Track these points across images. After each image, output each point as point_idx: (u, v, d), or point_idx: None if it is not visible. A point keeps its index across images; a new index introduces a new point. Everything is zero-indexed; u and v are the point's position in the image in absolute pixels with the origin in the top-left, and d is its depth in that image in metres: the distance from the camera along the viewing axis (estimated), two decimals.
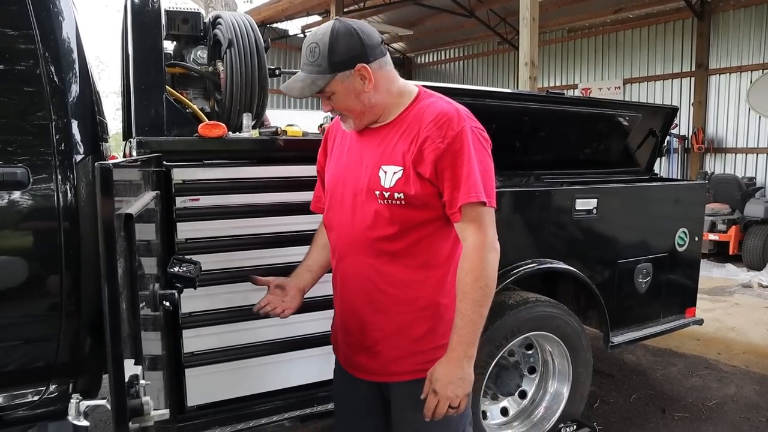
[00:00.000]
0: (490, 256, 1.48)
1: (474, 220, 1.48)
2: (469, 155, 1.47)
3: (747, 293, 6.35)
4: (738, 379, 3.88)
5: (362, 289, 1.62)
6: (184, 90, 2.40)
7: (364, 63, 1.50)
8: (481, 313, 1.49)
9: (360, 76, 1.51)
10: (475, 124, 1.53)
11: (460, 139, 1.47)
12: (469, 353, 1.49)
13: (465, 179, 1.46)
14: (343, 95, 1.53)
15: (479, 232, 1.48)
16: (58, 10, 1.89)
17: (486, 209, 1.49)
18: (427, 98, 1.59)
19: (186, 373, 2.00)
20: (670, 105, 3.72)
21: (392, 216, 1.54)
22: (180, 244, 1.94)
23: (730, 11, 10.27)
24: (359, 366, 1.69)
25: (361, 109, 1.55)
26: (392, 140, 1.55)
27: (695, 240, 3.39)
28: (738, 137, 10.33)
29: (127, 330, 1.13)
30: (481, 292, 1.47)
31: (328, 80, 1.51)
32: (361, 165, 1.59)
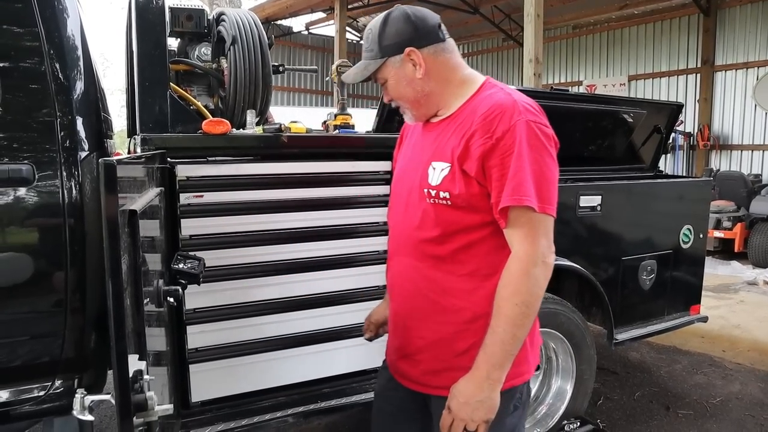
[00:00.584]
0: (536, 271, 1.32)
1: (521, 226, 1.33)
2: (521, 153, 1.32)
3: (752, 291, 6.33)
4: (743, 377, 3.87)
5: (407, 293, 1.54)
6: (188, 87, 2.41)
7: (414, 47, 1.42)
8: (515, 334, 1.33)
9: (411, 62, 1.43)
10: (535, 119, 1.36)
11: (512, 134, 1.32)
12: (493, 376, 1.33)
13: (511, 179, 1.32)
14: (395, 82, 1.46)
15: (526, 240, 1.33)
16: (62, 7, 1.90)
17: (537, 216, 1.32)
18: (489, 89, 1.45)
19: (190, 369, 2.01)
20: (674, 102, 3.70)
21: (437, 217, 1.44)
22: (184, 241, 1.95)
23: (736, 7, 10.21)
24: (401, 371, 1.60)
25: (414, 97, 1.47)
26: (446, 135, 1.45)
27: (700, 237, 3.38)
28: (744, 134, 10.28)
29: (131, 326, 1.14)
30: (517, 310, 1.32)
31: (379, 65, 1.45)
32: (419, 161, 1.50)
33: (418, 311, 1.51)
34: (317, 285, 2.17)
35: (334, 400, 2.20)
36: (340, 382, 2.26)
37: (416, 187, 1.49)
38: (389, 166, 2.22)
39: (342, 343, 2.24)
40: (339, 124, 2.26)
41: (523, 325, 1.33)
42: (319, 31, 15.17)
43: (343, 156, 2.21)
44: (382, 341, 2.31)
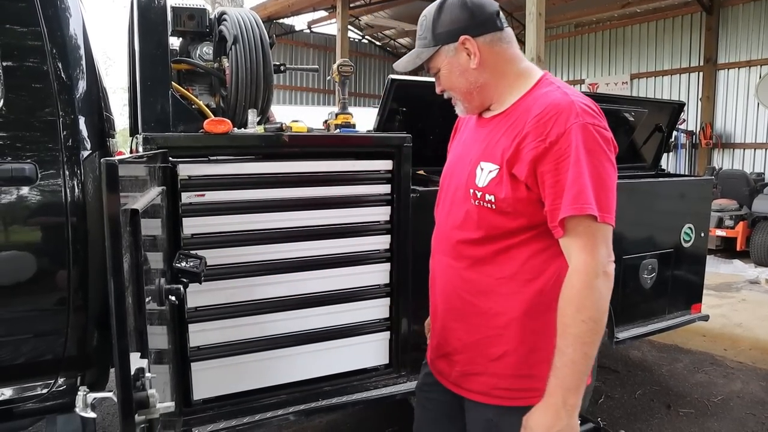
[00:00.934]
0: (598, 283, 1.24)
1: (580, 236, 1.25)
2: (578, 158, 1.23)
3: (754, 289, 6.32)
4: (744, 375, 3.87)
5: (446, 292, 1.50)
6: (190, 86, 2.41)
7: (469, 36, 1.35)
8: (585, 352, 1.24)
9: (465, 51, 1.37)
10: (594, 122, 1.28)
11: (568, 138, 1.24)
12: (570, 401, 1.24)
13: (570, 187, 1.23)
14: (448, 71, 1.40)
15: (585, 251, 1.25)
16: (65, 6, 1.91)
17: (597, 225, 1.24)
18: (545, 86, 1.37)
19: (192, 367, 2.02)
20: (676, 100, 3.70)
21: (480, 219, 1.38)
22: (186, 240, 1.96)
23: (739, 5, 10.18)
24: (439, 369, 1.57)
25: (467, 88, 1.41)
26: (498, 133, 1.38)
27: (701, 236, 3.39)
28: (746, 132, 10.26)
29: (133, 324, 1.15)
30: (585, 327, 1.23)
31: (432, 53, 1.40)
32: (469, 159, 1.44)
33: (455, 311, 1.47)
34: (318, 283, 2.17)
35: (335, 398, 2.20)
36: (342, 380, 2.27)
37: (462, 185, 1.44)
38: (390, 165, 2.23)
39: (343, 341, 2.25)
40: (340, 123, 2.26)
41: (593, 342, 1.25)
42: (321, 30, 15.16)
43: (344, 155, 2.21)
44: (382, 340, 2.33)
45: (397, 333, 2.31)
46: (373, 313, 2.29)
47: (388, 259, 2.27)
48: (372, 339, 2.30)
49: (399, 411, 3.02)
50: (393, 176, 2.23)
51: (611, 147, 1.30)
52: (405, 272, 2.27)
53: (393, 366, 2.34)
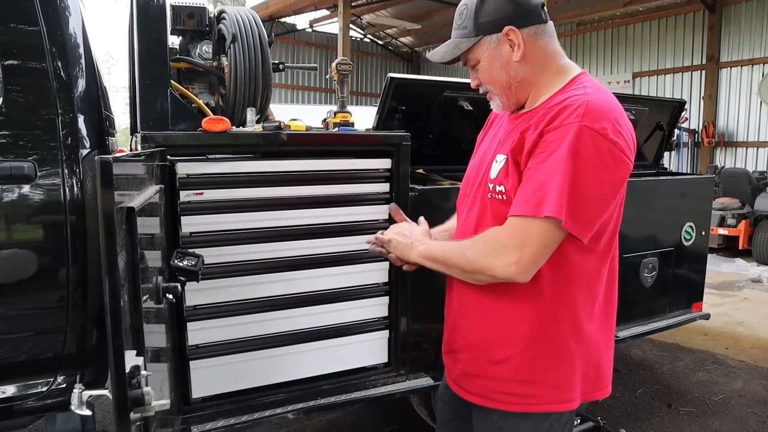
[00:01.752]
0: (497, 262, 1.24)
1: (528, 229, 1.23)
2: (560, 157, 1.18)
3: (756, 288, 6.31)
4: (745, 374, 3.86)
5: (460, 288, 1.47)
6: (190, 85, 2.42)
7: (514, 27, 1.29)
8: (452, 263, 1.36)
9: (509, 42, 1.30)
10: (598, 126, 1.19)
11: (559, 133, 1.20)
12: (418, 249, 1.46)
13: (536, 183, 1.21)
14: (488, 63, 1.34)
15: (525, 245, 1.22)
16: (64, 5, 1.91)
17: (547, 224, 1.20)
18: (576, 86, 1.31)
19: (190, 365, 2.02)
20: (677, 99, 3.69)
21: (492, 213, 1.35)
22: (184, 238, 1.96)
23: (741, 3, 10.15)
24: (446, 365, 1.57)
25: (507, 82, 1.34)
26: (518, 128, 1.34)
27: (702, 234, 3.38)
28: (749, 131, 10.23)
29: (128, 322, 1.15)
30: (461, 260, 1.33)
31: (472, 43, 1.33)
32: (489, 153, 1.42)
33: (466, 308, 1.46)
34: (317, 282, 2.17)
35: (334, 397, 2.20)
36: (341, 378, 2.26)
37: (481, 180, 1.42)
38: (389, 163, 2.23)
39: (342, 339, 2.25)
40: (339, 122, 2.26)
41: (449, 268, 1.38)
42: (323, 29, 15.16)
43: (343, 153, 2.21)
44: (381, 339, 2.33)
45: (396, 332, 2.31)
46: (372, 311, 2.29)
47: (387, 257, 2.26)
48: (371, 338, 2.30)
49: (398, 410, 3.02)
50: (392, 175, 2.23)
51: (610, 160, 1.20)
52: (404, 271, 2.26)
53: (392, 365, 2.34)
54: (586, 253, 1.30)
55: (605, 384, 1.45)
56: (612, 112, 1.24)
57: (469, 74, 1.45)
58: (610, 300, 1.43)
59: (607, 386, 1.45)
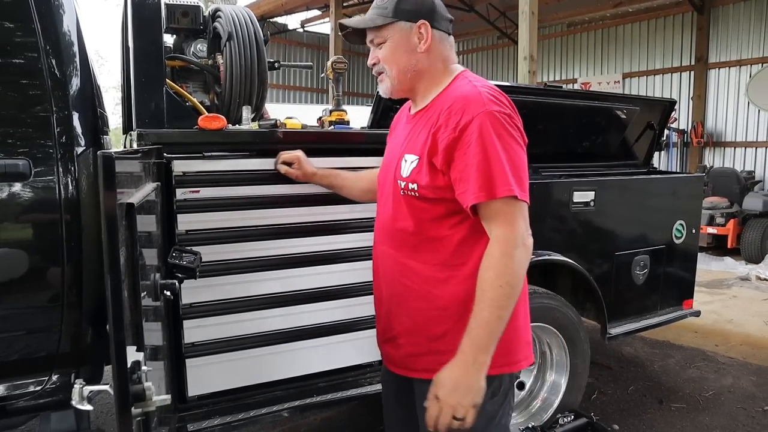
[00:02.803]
0: (517, 252, 1.34)
1: (497, 213, 1.35)
2: (484, 143, 1.33)
3: (745, 286, 6.38)
4: (735, 371, 3.91)
5: (388, 279, 1.59)
6: (184, 83, 2.41)
7: (427, 23, 1.47)
8: (500, 315, 1.33)
9: (418, 34, 1.47)
10: (500, 109, 1.38)
11: (475, 126, 1.34)
12: (480, 359, 1.33)
13: (477, 172, 1.34)
14: (395, 45, 1.49)
15: (504, 225, 1.35)
16: (58, 3, 1.91)
17: (513, 202, 1.34)
18: (460, 81, 1.49)
19: (187, 363, 2.02)
20: (667, 98, 3.73)
21: (408, 208, 1.49)
22: (180, 236, 1.96)
23: (729, 5, 10.26)
24: (386, 354, 1.67)
25: (405, 67, 1.50)
26: (418, 127, 1.49)
27: (692, 232, 3.41)
28: (737, 131, 10.34)
29: (129, 317, 1.15)
30: (501, 291, 1.33)
31: (387, 22, 1.48)
32: (396, 153, 1.56)
33: (397, 297, 1.56)
34: (312, 280, 2.18)
35: (330, 395, 2.21)
36: (336, 376, 2.27)
37: (391, 178, 1.54)
38: None
39: (338, 337, 2.26)
40: (334, 120, 2.27)
41: (507, 306, 1.34)
42: (315, 29, 15.15)
43: (338, 151, 2.22)
44: None
45: None
46: (368, 309, 2.28)
47: None
48: (366, 335, 2.30)
49: None
50: None
51: (518, 132, 1.39)
52: None
53: None
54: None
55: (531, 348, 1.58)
56: (503, 97, 1.42)
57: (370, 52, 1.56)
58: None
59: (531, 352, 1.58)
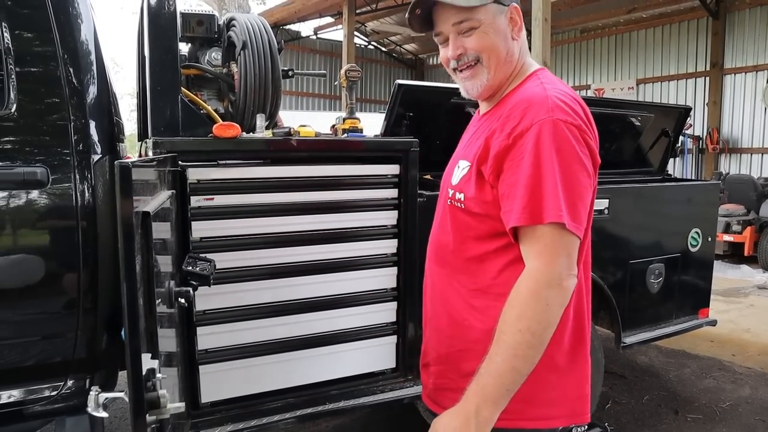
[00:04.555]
0: (548, 293, 1.12)
1: (537, 241, 1.14)
2: (540, 157, 1.13)
3: (762, 294, 6.29)
4: (753, 381, 3.85)
5: (430, 299, 1.44)
6: (199, 91, 2.43)
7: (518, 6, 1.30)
8: (515, 366, 1.11)
9: (511, 20, 1.30)
10: (568, 119, 1.16)
11: (532, 135, 1.14)
12: (483, 413, 1.11)
13: (525, 190, 1.14)
14: (491, 29, 1.27)
15: (540, 257, 1.14)
16: (77, 12, 1.94)
17: (557, 231, 1.13)
18: (531, 81, 1.29)
19: (200, 369, 2.03)
20: (682, 105, 3.70)
21: (452, 221, 1.32)
22: (195, 243, 1.97)
23: (745, 10, 10.17)
24: (422, 379, 1.51)
25: (503, 56, 1.29)
26: (480, 131, 1.32)
27: (708, 240, 3.37)
28: (754, 137, 10.23)
29: (143, 325, 1.16)
30: (520, 338, 1.11)
31: (483, 3, 1.25)
32: (455, 158, 1.41)
33: (436, 320, 1.41)
34: (326, 287, 2.18)
35: (342, 402, 2.21)
36: (348, 384, 2.27)
37: (445, 186, 1.39)
38: (397, 169, 2.25)
39: (350, 345, 2.25)
40: (348, 128, 2.27)
41: (525, 356, 1.11)
42: (328, 36, 15.25)
43: (352, 159, 2.23)
44: (389, 344, 2.33)
45: (404, 337, 2.32)
46: (381, 317, 2.30)
47: (395, 263, 2.28)
48: (379, 343, 2.31)
49: (405, 415, 3.02)
50: (400, 180, 2.24)
51: (585, 149, 1.18)
52: (412, 276, 2.27)
53: (400, 370, 2.34)
54: None
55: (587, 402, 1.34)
56: (575, 104, 1.22)
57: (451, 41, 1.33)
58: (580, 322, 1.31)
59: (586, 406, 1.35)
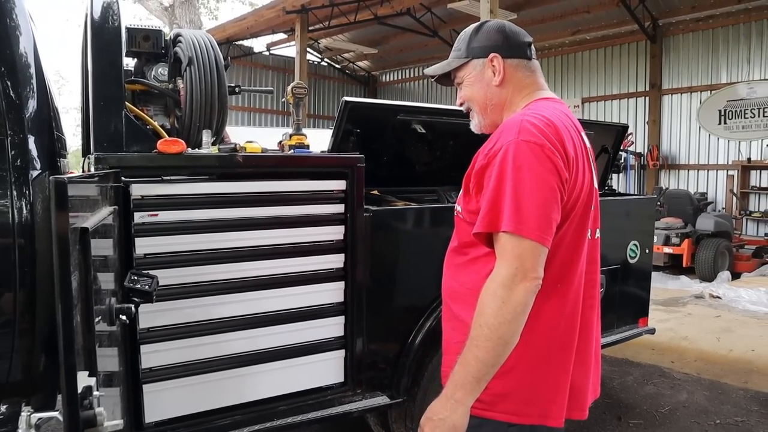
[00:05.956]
0: (503, 293, 1.26)
1: (498, 248, 1.31)
2: (503, 174, 1.30)
3: (699, 304, 6.58)
4: (690, 386, 4.03)
5: (443, 295, 1.62)
6: (146, 106, 2.41)
7: (499, 55, 1.48)
8: (477, 355, 1.28)
9: (492, 68, 1.49)
10: (532, 139, 1.30)
11: (500, 155, 1.32)
12: (456, 396, 1.30)
13: (486, 204, 1.33)
14: (471, 83, 1.53)
15: (498, 261, 1.30)
16: (15, 24, 1.89)
17: (513, 239, 1.27)
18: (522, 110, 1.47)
19: (144, 388, 1.99)
20: (620, 123, 3.88)
21: (456, 228, 1.54)
22: (138, 259, 1.94)
23: (680, 35, 10.75)
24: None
25: (483, 102, 1.53)
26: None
27: (646, 252, 3.53)
28: (690, 154, 10.77)
29: (81, 342, 1.14)
30: (479, 331, 1.28)
31: (461, 63, 1.53)
32: None
33: (444, 314, 1.61)
34: (273, 302, 2.18)
35: (291, 418, 2.20)
36: (297, 399, 2.26)
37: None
38: (344, 185, 2.27)
39: (298, 360, 2.25)
40: (294, 144, 2.29)
41: (485, 348, 1.27)
42: (280, 52, 15.23)
43: (298, 175, 2.24)
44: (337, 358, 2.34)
45: (352, 351, 2.33)
46: (328, 331, 2.31)
47: (342, 277, 2.29)
48: (327, 357, 2.31)
49: (355, 429, 3.02)
50: (346, 196, 2.27)
51: (549, 165, 1.30)
52: (359, 290, 2.30)
53: (348, 384, 2.35)
54: None
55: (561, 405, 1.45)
56: (545, 126, 1.34)
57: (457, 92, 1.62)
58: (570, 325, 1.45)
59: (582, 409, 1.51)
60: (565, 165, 1.34)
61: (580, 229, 1.44)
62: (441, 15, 12.12)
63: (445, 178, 3.02)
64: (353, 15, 11.65)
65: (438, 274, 1.63)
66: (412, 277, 2.47)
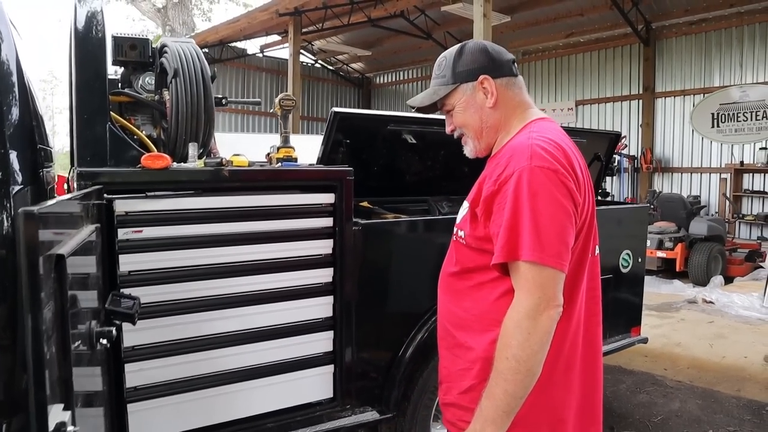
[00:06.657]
0: (528, 323, 1.25)
1: (518, 278, 1.29)
2: (518, 201, 1.27)
3: (692, 309, 6.58)
4: (682, 394, 4.01)
5: (439, 322, 1.60)
6: (133, 116, 2.37)
7: (488, 76, 1.44)
8: (506, 390, 1.26)
9: (483, 90, 1.45)
10: (545, 164, 1.29)
11: (513, 182, 1.28)
12: (486, 431, 1.29)
13: (504, 231, 1.28)
14: (463, 108, 1.48)
15: (521, 292, 1.28)
16: None
17: (534, 267, 1.26)
18: (524, 132, 1.43)
19: (128, 408, 1.95)
20: (613, 131, 3.87)
21: (457, 254, 1.50)
22: (122, 276, 1.90)
23: (672, 38, 10.78)
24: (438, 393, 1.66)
25: (479, 126, 1.48)
26: (481, 175, 1.48)
27: (638, 261, 3.51)
28: (683, 157, 10.80)
29: (56, 374, 1.11)
30: (506, 365, 1.27)
31: (449, 90, 1.47)
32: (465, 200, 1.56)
33: (443, 341, 1.57)
34: (261, 318, 2.14)
35: None
36: (286, 415, 2.23)
37: (454, 225, 1.56)
38: (332, 198, 2.24)
39: (287, 375, 2.21)
40: (282, 157, 2.26)
41: (514, 381, 1.26)
42: (274, 54, 15.18)
43: (286, 188, 2.21)
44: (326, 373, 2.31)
45: (341, 366, 2.30)
46: (317, 346, 2.27)
47: (331, 291, 2.26)
48: (316, 373, 2.28)
49: None
50: (335, 209, 2.24)
51: (564, 189, 1.29)
52: (348, 305, 2.27)
53: (337, 399, 2.32)
54: None
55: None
56: (555, 150, 1.34)
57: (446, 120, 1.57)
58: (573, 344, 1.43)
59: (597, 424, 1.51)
60: (577, 188, 1.34)
61: (584, 248, 1.44)
62: (435, 17, 12.12)
63: (435, 187, 3.00)
64: (347, 17, 11.62)
65: (428, 288, 1.63)
66: (402, 291, 2.44)
